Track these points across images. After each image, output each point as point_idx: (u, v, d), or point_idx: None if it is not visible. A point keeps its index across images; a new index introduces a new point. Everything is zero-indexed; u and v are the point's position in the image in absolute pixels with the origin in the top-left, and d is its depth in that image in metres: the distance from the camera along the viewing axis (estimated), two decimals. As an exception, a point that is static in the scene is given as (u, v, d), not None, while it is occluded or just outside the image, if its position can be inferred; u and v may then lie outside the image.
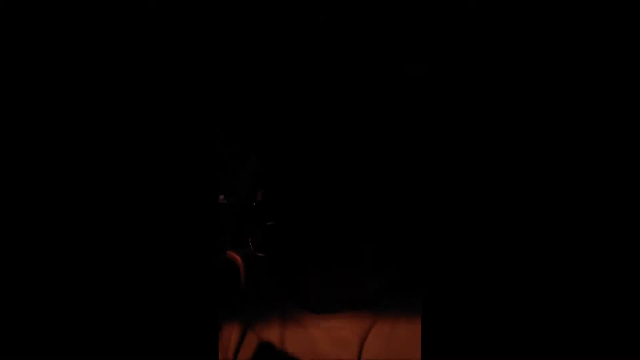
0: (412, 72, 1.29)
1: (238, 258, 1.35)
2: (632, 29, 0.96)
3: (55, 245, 0.98)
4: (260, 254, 1.35)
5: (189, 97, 1.02)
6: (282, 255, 1.34)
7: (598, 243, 0.97)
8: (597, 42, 0.98)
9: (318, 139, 1.29)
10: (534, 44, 1.00)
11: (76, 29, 1.00)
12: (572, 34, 0.99)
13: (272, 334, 1.28)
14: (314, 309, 1.31)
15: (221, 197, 1.39)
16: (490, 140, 1.00)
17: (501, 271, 0.99)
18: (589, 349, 0.96)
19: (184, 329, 0.99)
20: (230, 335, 1.28)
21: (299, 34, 1.35)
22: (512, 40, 1.00)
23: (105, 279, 0.98)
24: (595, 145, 0.98)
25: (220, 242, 1.33)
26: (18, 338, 0.95)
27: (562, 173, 0.99)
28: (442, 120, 1.01)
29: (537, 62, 1.00)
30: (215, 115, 1.04)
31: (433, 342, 0.99)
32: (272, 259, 1.34)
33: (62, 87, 0.99)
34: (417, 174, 1.28)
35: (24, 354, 0.95)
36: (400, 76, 1.31)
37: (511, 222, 0.99)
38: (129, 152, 1.00)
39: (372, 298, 1.31)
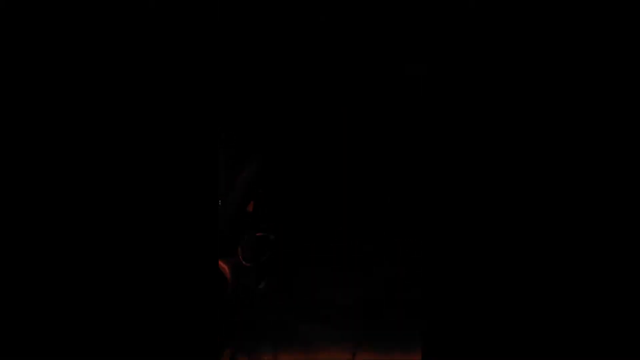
0: (412, 72, 1.29)
1: (226, 267, 1.35)
2: (631, 29, 0.96)
3: (56, 247, 0.98)
4: (248, 264, 1.35)
5: (188, 97, 1.02)
6: (280, 259, 1.34)
7: (596, 243, 0.97)
8: (596, 43, 0.98)
9: (318, 139, 1.29)
10: (533, 44, 1.00)
11: (76, 29, 1.00)
12: (572, 34, 0.99)
13: None
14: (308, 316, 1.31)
15: None
16: (490, 140, 1.00)
17: (501, 271, 0.99)
18: (588, 349, 0.96)
19: (185, 329, 0.99)
20: None
21: (299, 34, 1.34)
22: (512, 40, 1.00)
23: (107, 281, 0.98)
24: (593, 144, 0.98)
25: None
26: (20, 338, 0.96)
27: (560, 173, 0.98)
28: (441, 120, 1.01)
29: (537, 62, 0.99)
30: (215, 115, 1.04)
31: (433, 342, 0.99)
32: (261, 269, 1.35)
33: (61, 88, 0.99)
34: (417, 174, 1.28)
35: (26, 354, 0.95)
36: (400, 76, 1.31)
37: (510, 222, 0.99)
38: (125, 153, 1.00)
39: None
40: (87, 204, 0.99)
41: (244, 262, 1.34)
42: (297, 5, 1.34)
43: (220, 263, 1.34)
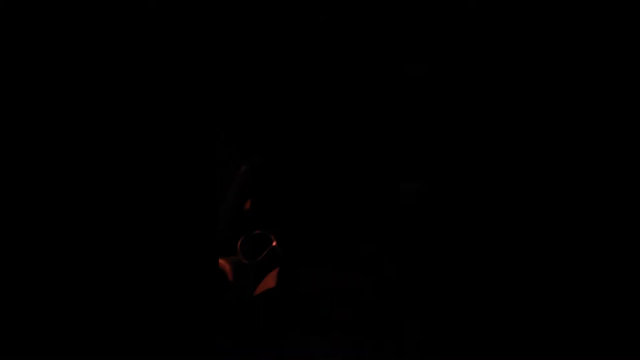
0: (412, 72, 1.29)
1: (226, 265, 1.35)
2: (630, 30, 0.96)
3: (54, 245, 0.98)
4: (247, 262, 1.35)
5: (189, 97, 1.02)
6: (281, 257, 1.34)
7: (597, 243, 0.97)
8: (594, 44, 0.98)
9: (318, 139, 1.29)
10: (533, 44, 1.00)
11: (76, 29, 1.00)
12: (571, 35, 0.99)
13: None
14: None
15: None
16: (490, 140, 1.00)
17: (502, 271, 0.99)
18: (588, 348, 0.96)
19: (184, 328, 0.99)
20: None
21: (299, 34, 1.35)
22: (512, 40, 1.00)
23: (105, 280, 0.98)
24: (589, 143, 0.98)
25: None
26: (15, 336, 0.96)
27: (561, 174, 0.99)
28: (441, 120, 1.01)
29: (537, 62, 1.00)
30: (215, 115, 1.04)
31: (433, 342, 0.99)
32: (260, 267, 1.35)
33: (61, 87, 0.99)
34: (417, 174, 1.28)
35: (21, 353, 0.95)
36: (400, 76, 1.31)
37: (510, 222, 0.99)
38: (126, 154, 1.00)
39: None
40: (88, 202, 0.99)
41: (243, 260, 1.34)
42: (297, 5, 1.34)
43: (221, 261, 1.34)
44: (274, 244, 1.34)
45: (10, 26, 0.98)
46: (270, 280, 1.34)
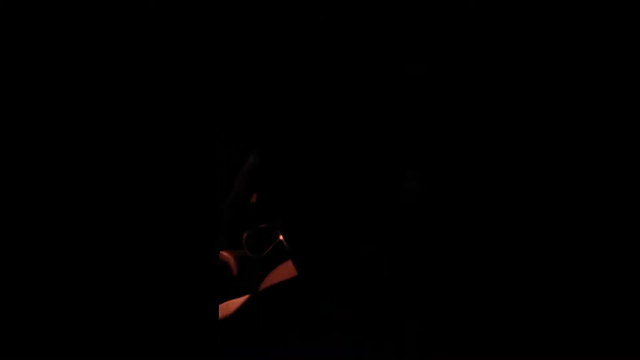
0: (412, 72, 1.29)
1: (231, 258, 1.35)
2: (629, 30, 0.96)
3: (60, 243, 0.98)
4: (252, 255, 1.35)
5: (189, 97, 1.02)
6: (287, 252, 1.34)
7: (596, 242, 0.97)
8: (595, 44, 0.98)
9: (318, 139, 1.29)
10: (533, 44, 1.00)
11: (76, 29, 1.00)
12: (571, 35, 0.99)
13: None
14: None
15: None
16: (491, 141, 1.00)
17: (502, 271, 0.99)
18: (588, 349, 0.96)
19: (184, 326, 0.99)
20: None
21: (299, 34, 1.35)
22: (512, 40, 1.00)
23: (104, 280, 0.98)
24: (590, 142, 0.98)
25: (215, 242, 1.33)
26: (10, 336, 0.96)
27: (562, 175, 0.99)
28: (442, 120, 1.01)
29: (538, 62, 1.00)
30: (215, 115, 1.05)
31: (433, 342, 0.99)
32: (265, 261, 1.34)
33: (61, 87, 0.99)
34: (417, 174, 1.28)
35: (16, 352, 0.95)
36: (400, 76, 1.31)
37: (511, 221, 0.99)
38: (128, 153, 1.00)
39: None
40: (88, 202, 0.99)
41: (248, 254, 1.33)
42: (297, 5, 1.34)
43: (226, 255, 1.33)
44: (280, 238, 1.33)
45: (10, 26, 0.98)
46: (275, 276, 1.33)
